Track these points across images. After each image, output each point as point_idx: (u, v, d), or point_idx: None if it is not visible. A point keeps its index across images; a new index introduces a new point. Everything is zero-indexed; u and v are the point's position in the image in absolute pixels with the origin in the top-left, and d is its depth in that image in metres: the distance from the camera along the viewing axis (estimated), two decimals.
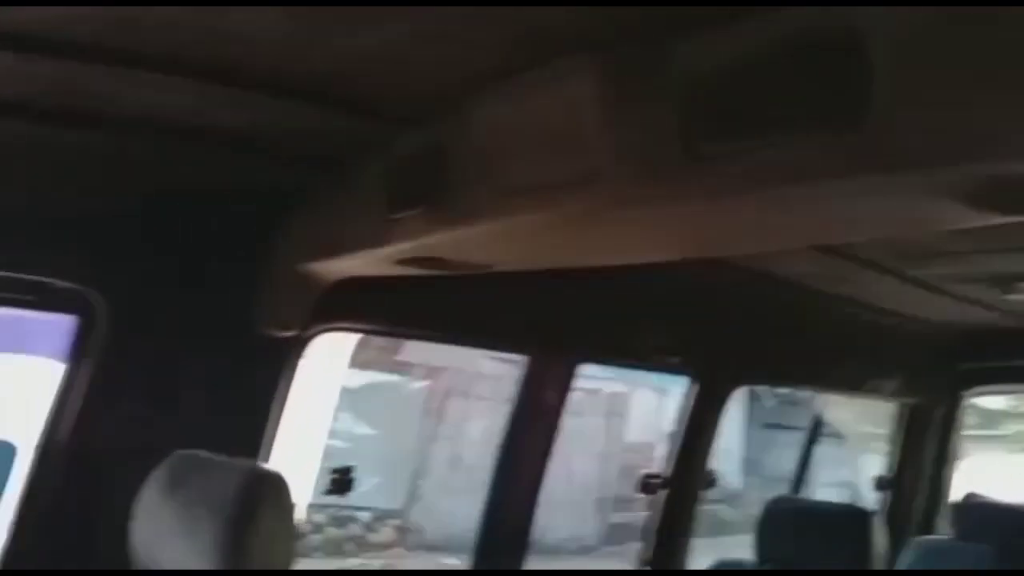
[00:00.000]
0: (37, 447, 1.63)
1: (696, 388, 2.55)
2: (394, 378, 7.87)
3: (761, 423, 9.39)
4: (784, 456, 5.09)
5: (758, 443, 9.28)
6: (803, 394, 5.62)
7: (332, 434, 7.17)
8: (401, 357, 7.71)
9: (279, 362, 1.75)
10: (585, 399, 8.28)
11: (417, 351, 7.54)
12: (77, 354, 1.63)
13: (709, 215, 1.10)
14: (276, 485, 1.25)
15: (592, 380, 7.85)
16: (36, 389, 1.68)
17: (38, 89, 1.22)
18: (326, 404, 6.98)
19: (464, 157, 1.21)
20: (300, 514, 5.03)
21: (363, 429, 7.60)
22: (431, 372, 7.94)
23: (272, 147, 1.41)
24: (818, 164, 0.88)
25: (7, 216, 1.48)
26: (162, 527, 1.27)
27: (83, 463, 1.60)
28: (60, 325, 1.63)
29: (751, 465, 9.20)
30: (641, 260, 1.47)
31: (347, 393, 7.55)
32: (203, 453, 1.33)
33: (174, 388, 1.64)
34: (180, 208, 1.59)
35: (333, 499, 7.28)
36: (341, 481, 1.92)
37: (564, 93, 1.07)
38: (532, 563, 2.38)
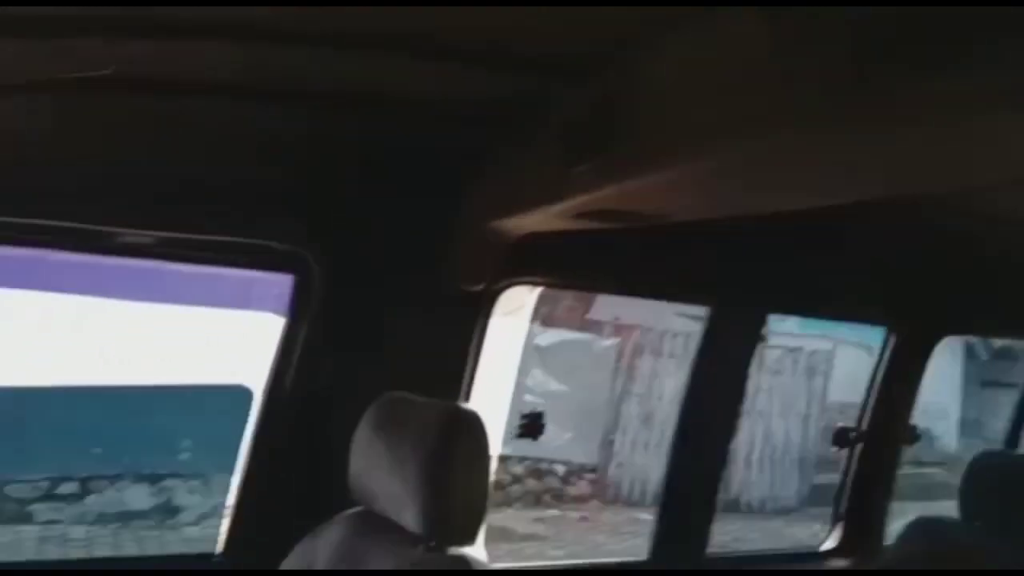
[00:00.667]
0: (264, 393, 1.86)
1: (896, 338, 2.44)
2: (585, 336, 7.99)
3: (979, 381, 8.72)
4: (1004, 417, 4.76)
5: (976, 403, 8.64)
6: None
7: (526, 390, 7.41)
8: (591, 315, 7.81)
9: (472, 314, 1.89)
10: (785, 357, 8.04)
11: (606, 309, 7.61)
12: (295, 309, 1.83)
13: (895, 150, 1.06)
14: (472, 422, 1.36)
15: (792, 338, 7.60)
16: (264, 341, 1.91)
17: (250, 72, 1.38)
18: (514, 357, 7.22)
19: (635, 108, 1.23)
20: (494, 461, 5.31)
21: (556, 386, 7.79)
22: (621, 330, 7.98)
23: (454, 110, 1.49)
24: (1007, 89, 0.83)
25: (234, 188, 1.69)
26: (373, 462, 1.42)
27: (304, 406, 1.81)
28: (280, 284, 1.84)
29: (968, 427, 8.58)
30: (825, 202, 1.43)
31: (539, 351, 7.76)
32: (408, 394, 1.46)
33: (380, 337, 1.82)
34: (380, 174, 1.74)
35: (532, 452, 7.58)
36: (531, 426, 2.02)
37: (732, 35, 1.06)
38: (728, 522, 2.38)
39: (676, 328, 7.26)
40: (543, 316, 7.62)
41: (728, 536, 4.74)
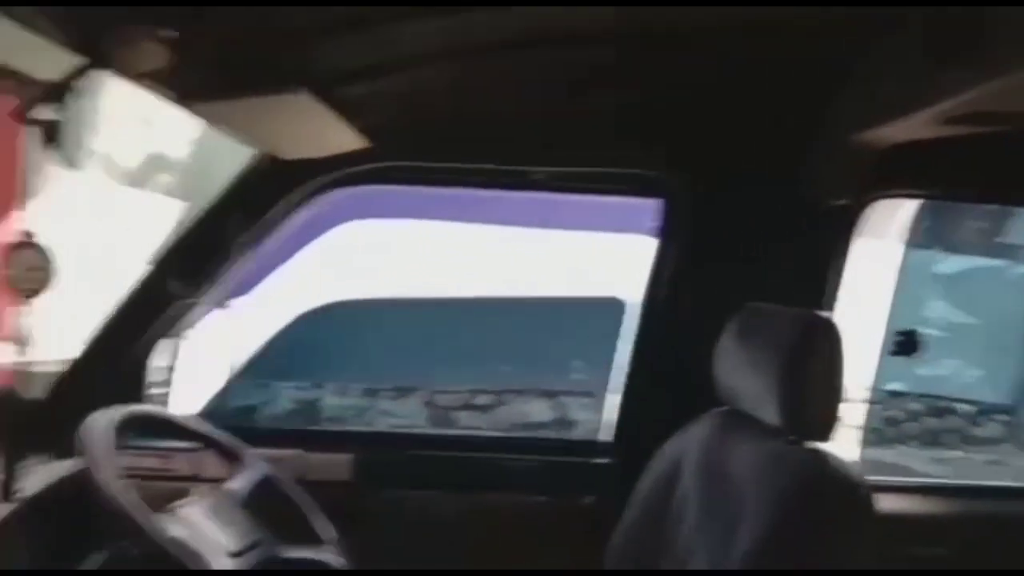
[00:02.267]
0: (641, 307, 2.06)
1: None
2: (996, 262, 7.14)
3: None
4: None
5: None
6: None
7: (925, 323, 6.85)
8: (1004, 238, 6.94)
9: (835, 229, 1.90)
10: None
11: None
12: (665, 230, 2.00)
13: None
14: (828, 327, 1.42)
15: None
16: (641, 261, 2.10)
17: (615, 19, 1.53)
18: (888, 278, 6.66)
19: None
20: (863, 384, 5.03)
21: (961, 318, 7.11)
22: None
23: (812, 22, 1.50)
24: None
25: (609, 124, 1.91)
26: (736, 364, 1.53)
27: (676, 317, 1.98)
28: (651, 207, 2.01)
29: None
30: None
31: (941, 279, 7.11)
32: (769, 305, 1.55)
33: (743, 252, 1.92)
34: (739, 93, 1.82)
35: (932, 389, 7.04)
36: (906, 343, 1.97)
37: None
38: None
39: None
40: (944, 240, 6.95)
41: None
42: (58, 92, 1.21)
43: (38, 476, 1.53)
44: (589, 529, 1.74)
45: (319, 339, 6.16)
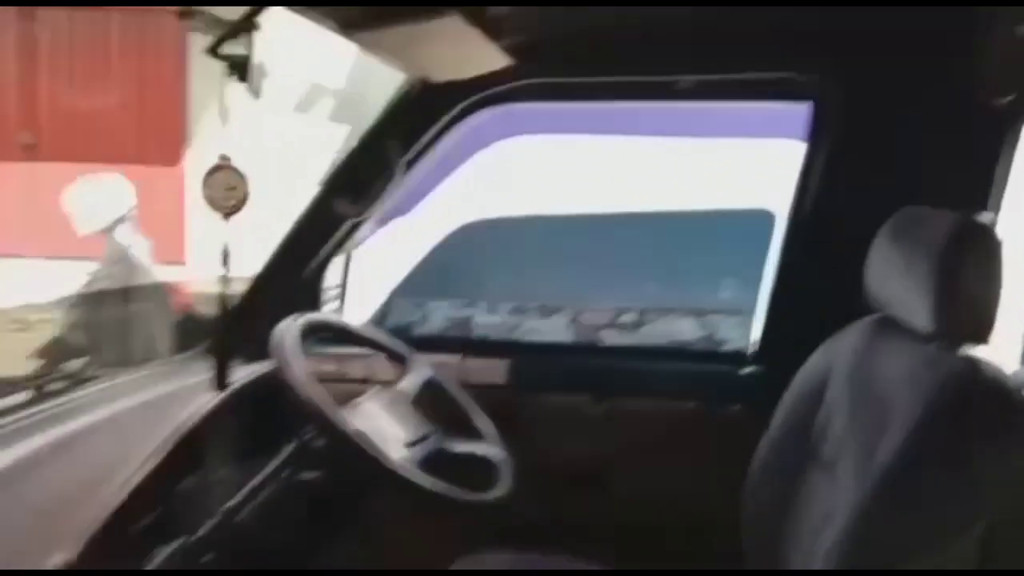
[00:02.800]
0: (788, 216, 2.05)
1: None
2: None
3: None
4: None
5: None
6: None
7: None
8: None
9: (998, 129, 1.81)
10: None
11: None
12: (815, 134, 1.96)
13: None
14: (986, 233, 1.38)
15: None
16: (785, 168, 2.08)
17: None
18: None
19: None
20: None
21: None
22: None
23: None
24: None
25: (757, 30, 1.89)
26: (888, 270, 1.52)
27: (824, 226, 1.95)
28: (801, 112, 1.98)
29: None
30: None
31: None
32: (926, 208, 1.51)
33: (897, 155, 1.87)
34: None
35: None
36: None
37: None
38: None
39: None
40: None
41: None
42: (242, 28, 1.34)
43: (242, 372, 1.74)
44: (735, 437, 1.77)
45: (469, 257, 6.37)
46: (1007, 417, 1.29)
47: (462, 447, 1.79)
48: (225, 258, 1.48)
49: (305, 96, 5.52)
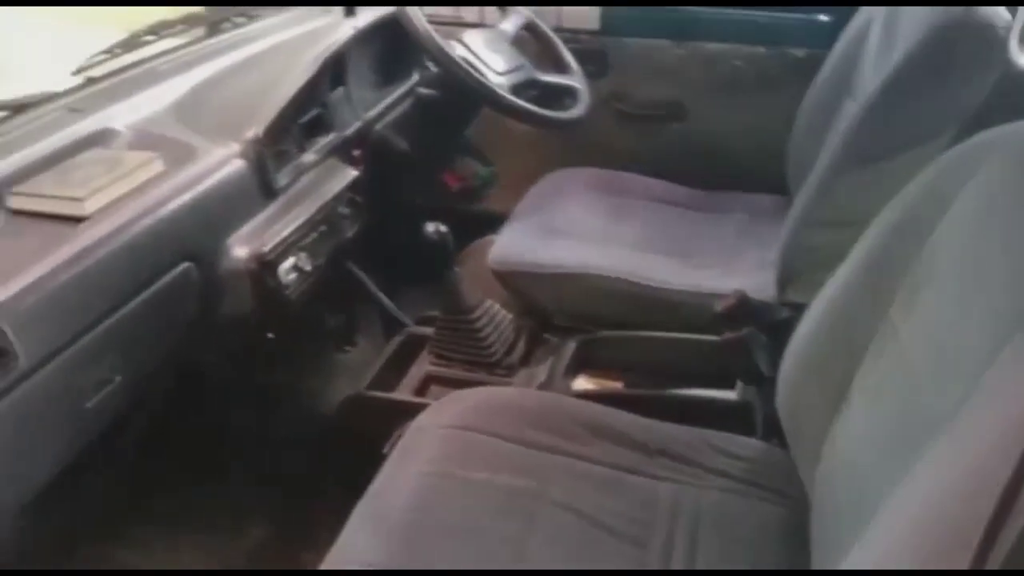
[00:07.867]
0: None
1: None
2: None
3: None
4: None
5: None
6: None
7: None
8: None
9: None
10: None
11: None
12: None
13: None
14: None
15: None
16: None
17: None
18: None
19: None
20: None
21: None
22: None
23: None
24: None
25: None
26: None
27: None
28: None
29: None
30: None
31: None
32: None
33: None
34: None
35: None
36: None
37: None
38: None
39: None
40: None
41: None
42: None
43: (368, 13, 2.10)
44: (804, 79, 2.00)
45: None
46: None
47: (549, 77, 2.15)
48: None
49: None
